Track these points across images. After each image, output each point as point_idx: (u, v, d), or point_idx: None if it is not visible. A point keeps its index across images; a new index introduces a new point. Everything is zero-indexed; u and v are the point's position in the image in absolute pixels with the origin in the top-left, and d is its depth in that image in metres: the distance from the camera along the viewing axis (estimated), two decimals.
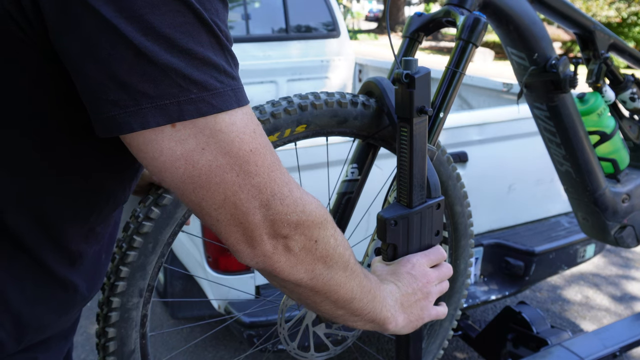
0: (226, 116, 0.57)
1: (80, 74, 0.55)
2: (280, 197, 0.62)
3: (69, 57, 0.55)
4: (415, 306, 0.86)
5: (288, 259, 0.65)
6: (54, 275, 0.71)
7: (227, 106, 0.57)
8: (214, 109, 0.56)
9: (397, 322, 0.83)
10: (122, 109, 0.54)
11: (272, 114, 0.90)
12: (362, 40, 18.35)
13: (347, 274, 0.73)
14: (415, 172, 0.93)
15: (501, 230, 2.42)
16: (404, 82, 0.88)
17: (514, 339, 2.12)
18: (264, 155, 0.60)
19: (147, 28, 0.53)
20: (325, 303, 0.74)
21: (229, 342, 2.72)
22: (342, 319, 0.79)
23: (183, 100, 0.55)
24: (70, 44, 0.54)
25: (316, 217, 0.66)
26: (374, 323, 0.81)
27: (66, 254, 0.72)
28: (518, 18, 1.31)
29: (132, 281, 0.85)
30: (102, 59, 0.53)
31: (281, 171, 0.63)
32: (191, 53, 0.55)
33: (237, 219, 0.60)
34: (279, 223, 0.62)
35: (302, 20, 3.97)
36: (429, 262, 0.92)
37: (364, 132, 1.02)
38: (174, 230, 0.87)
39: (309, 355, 1.15)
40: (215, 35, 0.57)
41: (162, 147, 0.56)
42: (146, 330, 0.91)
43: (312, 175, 1.81)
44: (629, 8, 12.69)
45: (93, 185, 0.71)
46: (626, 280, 3.41)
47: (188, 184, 0.58)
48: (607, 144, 1.64)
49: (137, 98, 0.54)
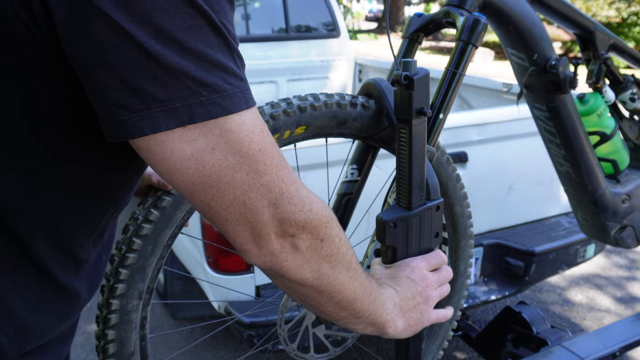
0: (236, 117, 0.58)
1: (91, 78, 0.55)
2: (288, 195, 0.62)
3: (79, 62, 0.55)
4: (414, 310, 0.86)
5: (295, 257, 0.66)
6: (57, 283, 0.71)
7: (236, 108, 0.58)
8: (224, 110, 0.57)
9: (397, 326, 0.83)
10: (133, 113, 0.55)
11: (271, 116, 0.90)
12: (362, 40, 18.34)
13: (351, 273, 0.74)
14: (415, 174, 0.92)
15: (501, 231, 2.42)
16: (402, 83, 0.88)
17: (514, 339, 2.12)
18: (272, 154, 0.61)
19: (157, 31, 0.53)
20: (329, 304, 0.74)
21: (229, 342, 2.72)
22: (345, 321, 0.79)
23: (194, 103, 0.55)
24: (80, 49, 0.54)
25: (322, 216, 0.67)
26: (375, 326, 0.81)
27: (72, 261, 0.72)
28: (518, 19, 1.31)
29: (131, 283, 0.85)
30: (113, 64, 0.54)
31: (288, 170, 0.63)
32: (201, 55, 0.55)
33: (246, 217, 0.61)
34: (286, 222, 0.63)
35: (302, 20, 3.97)
36: (428, 265, 0.92)
37: (363, 133, 1.02)
38: (173, 232, 0.87)
39: (308, 356, 1.15)
40: (224, 37, 0.57)
41: (173, 148, 0.56)
42: (146, 332, 0.91)
43: (312, 176, 1.81)
44: (629, 8, 12.67)
45: (103, 190, 0.71)
46: (627, 281, 3.40)
47: (198, 184, 0.58)
48: (607, 145, 1.64)
49: (148, 102, 0.54)
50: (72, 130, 0.63)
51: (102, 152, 0.66)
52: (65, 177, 0.66)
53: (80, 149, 0.65)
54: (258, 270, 1.95)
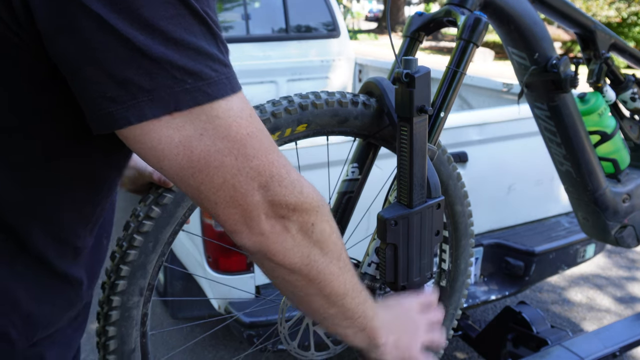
0: (222, 102, 0.58)
1: (77, 75, 0.55)
2: (278, 179, 0.62)
3: (63, 60, 0.55)
4: (405, 334, 0.84)
5: (285, 239, 0.65)
6: (56, 272, 0.71)
7: (222, 94, 0.58)
8: (209, 97, 0.57)
9: (388, 339, 0.81)
10: (120, 105, 0.55)
11: (272, 114, 0.90)
12: (362, 40, 18.35)
13: (341, 265, 0.73)
14: (416, 172, 0.93)
15: (501, 230, 2.42)
16: (404, 81, 0.88)
17: (514, 338, 2.12)
18: (260, 138, 0.61)
19: (140, 22, 0.54)
20: (318, 297, 0.73)
21: (229, 342, 2.72)
22: (334, 321, 0.77)
23: (179, 91, 0.56)
24: (65, 47, 0.54)
25: (313, 200, 0.67)
26: (365, 333, 0.79)
27: (70, 249, 0.72)
28: (519, 18, 1.31)
29: (132, 280, 0.85)
30: (100, 60, 0.54)
31: (278, 154, 0.63)
32: (185, 44, 0.56)
33: (235, 200, 0.61)
34: (277, 204, 0.63)
35: (302, 20, 3.97)
36: (419, 306, 0.90)
37: (364, 131, 1.02)
38: (175, 229, 0.87)
39: (309, 354, 1.15)
40: (207, 25, 0.58)
41: (160, 135, 0.56)
42: (146, 329, 0.91)
43: (312, 175, 1.81)
44: (629, 8, 12.69)
45: (94, 181, 0.71)
46: (627, 281, 3.41)
47: (187, 169, 0.59)
48: (607, 144, 1.64)
49: (134, 92, 0.55)
50: (61, 126, 0.64)
51: (90, 145, 0.66)
52: (54, 173, 0.67)
53: (68, 144, 0.65)
54: (258, 270, 1.95)
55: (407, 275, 0.98)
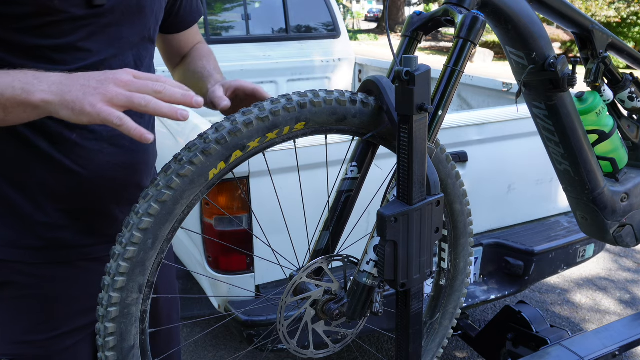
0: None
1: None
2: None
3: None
4: (76, 86, 0.81)
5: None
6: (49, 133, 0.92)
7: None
8: None
9: (43, 92, 0.81)
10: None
11: (271, 112, 0.90)
12: (362, 41, 18.35)
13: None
14: (415, 169, 0.93)
15: (501, 230, 2.43)
16: (404, 79, 0.89)
17: (514, 338, 2.13)
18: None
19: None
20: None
21: (229, 341, 2.72)
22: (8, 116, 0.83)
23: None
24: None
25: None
26: (23, 104, 0.81)
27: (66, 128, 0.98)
28: (516, 17, 1.31)
29: (131, 277, 0.85)
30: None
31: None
32: None
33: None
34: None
35: (302, 21, 3.97)
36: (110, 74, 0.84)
37: (363, 130, 1.03)
38: (174, 226, 0.87)
39: (308, 353, 1.15)
40: None
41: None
42: (146, 326, 0.91)
43: (312, 175, 1.81)
44: (629, 8, 12.70)
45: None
46: (627, 282, 3.41)
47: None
48: (605, 143, 1.64)
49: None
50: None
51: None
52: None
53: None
54: (258, 270, 1.96)
55: (406, 273, 0.98)
